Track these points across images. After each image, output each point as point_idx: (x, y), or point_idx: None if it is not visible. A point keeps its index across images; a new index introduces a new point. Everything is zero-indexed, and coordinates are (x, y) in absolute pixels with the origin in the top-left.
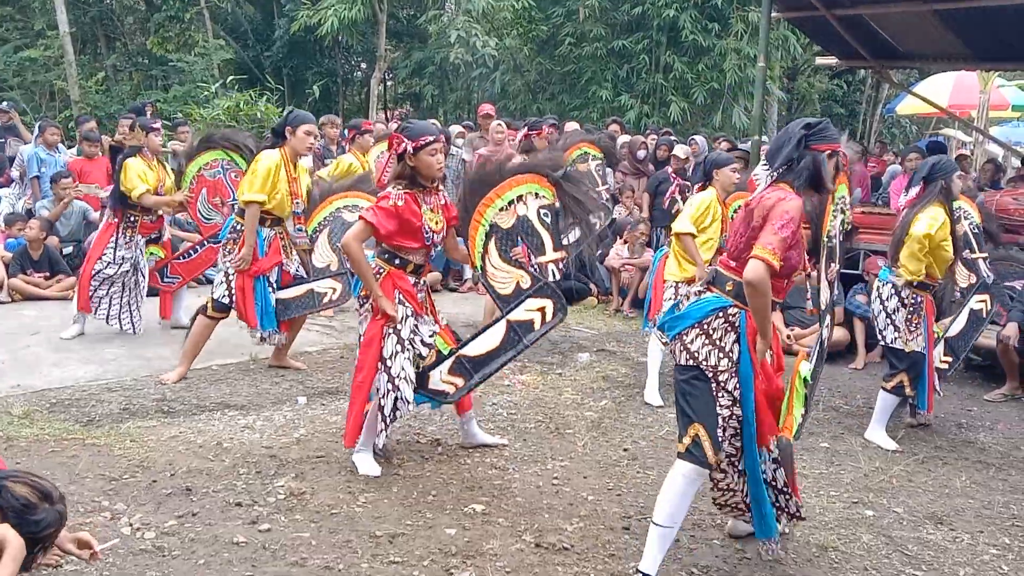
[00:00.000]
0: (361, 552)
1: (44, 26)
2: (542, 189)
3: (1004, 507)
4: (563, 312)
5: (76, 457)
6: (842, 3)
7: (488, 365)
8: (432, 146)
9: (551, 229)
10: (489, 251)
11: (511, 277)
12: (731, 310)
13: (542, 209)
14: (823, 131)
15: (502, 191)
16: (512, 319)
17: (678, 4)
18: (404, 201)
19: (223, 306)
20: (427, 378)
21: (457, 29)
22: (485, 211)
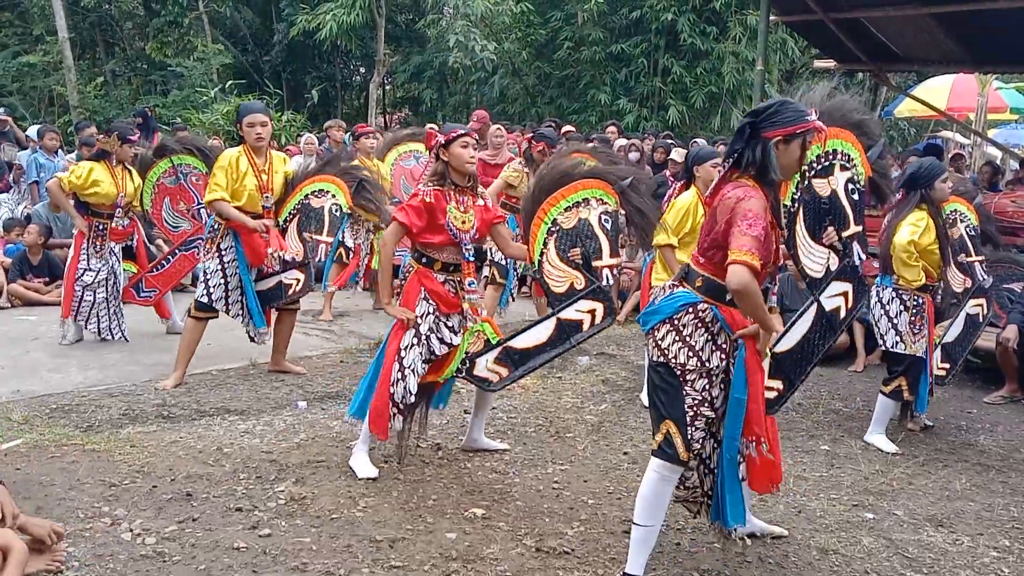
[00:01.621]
0: (362, 557)
1: (43, 31)
2: (607, 196)
3: (1004, 509)
4: (612, 316)
5: (76, 463)
6: (840, 7)
7: (534, 359)
8: (462, 139)
9: (610, 235)
10: (548, 249)
11: (566, 277)
12: (701, 306)
13: (604, 215)
14: (771, 116)
15: (568, 192)
16: (563, 317)
17: (676, 8)
18: (432, 197)
19: (204, 305)
20: (473, 364)
21: (456, 33)
22: (549, 210)
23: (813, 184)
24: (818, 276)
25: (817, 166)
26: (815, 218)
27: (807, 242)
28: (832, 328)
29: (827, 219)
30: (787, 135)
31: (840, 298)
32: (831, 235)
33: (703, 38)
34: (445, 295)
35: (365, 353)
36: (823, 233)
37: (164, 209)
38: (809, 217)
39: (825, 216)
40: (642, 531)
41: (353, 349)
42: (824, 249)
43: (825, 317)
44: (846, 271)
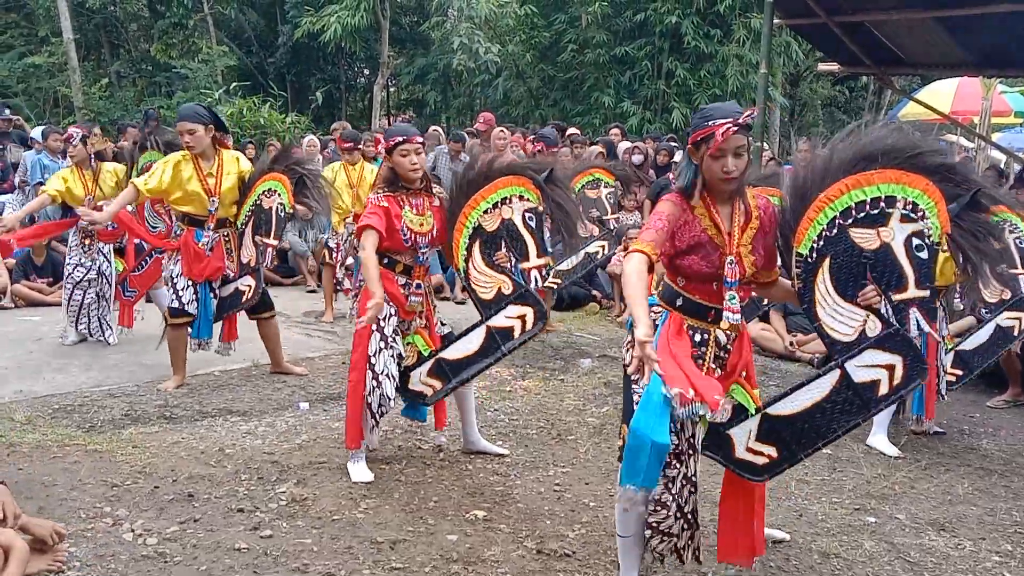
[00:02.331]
0: (363, 558)
1: (48, 33)
2: (527, 192)
3: (1007, 514)
4: (543, 320)
5: (78, 463)
6: (844, 10)
7: (466, 370)
8: (403, 146)
9: (536, 234)
10: (472, 254)
11: (493, 282)
12: (654, 308)
13: (527, 212)
14: (692, 122)
15: (487, 193)
16: (492, 325)
17: (680, 11)
18: (386, 202)
19: (177, 311)
20: (408, 378)
21: (460, 36)
22: (470, 213)
23: (851, 233)
24: (846, 339)
25: (859, 213)
26: (848, 273)
27: (832, 298)
28: (864, 406)
29: (867, 276)
30: (694, 142)
31: (881, 371)
32: (870, 295)
33: (707, 41)
34: (401, 299)
35: None
36: (859, 292)
37: (146, 208)
38: (839, 270)
39: (864, 272)
40: (622, 542)
41: None
42: (857, 310)
43: (853, 389)
44: (894, 341)
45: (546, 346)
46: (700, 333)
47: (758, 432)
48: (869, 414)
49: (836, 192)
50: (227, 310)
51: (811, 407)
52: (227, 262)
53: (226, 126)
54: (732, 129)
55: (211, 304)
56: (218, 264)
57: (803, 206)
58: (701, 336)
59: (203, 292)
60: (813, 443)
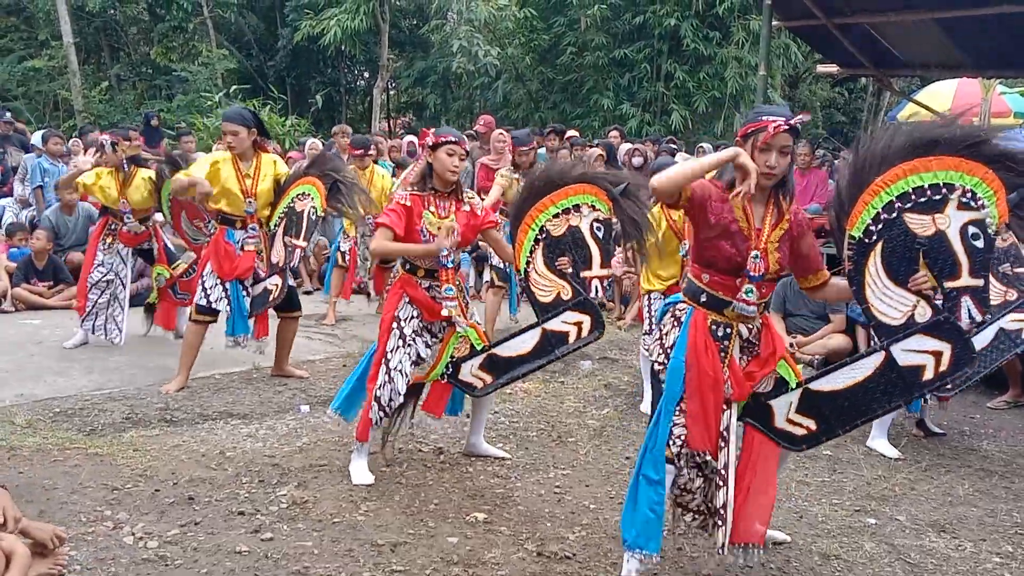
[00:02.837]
0: (363, 561)
1: (48, 36)
2: (599, 202)
3: (1007, 515)
4: (600, 329)
5: (79, 466)
6: (843, 12)
7: (517, 368)
8: (450, 145)
9: (602, 244)
10: (535, 257)
11: (553, 286)
12: (680, 306)
13: (596, 223)
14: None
15: (558, 198)
16: (548, 328)
17: (679, 13)
18: (410, 201)
19: (204, 308)
20: (458, 368)
21: (459, 39)
22: (538, 216)
23: (906, 219)
24: (893, 323)
25: (917, 198)
26: (902, 258)
27: (882, 281)
28: (907, 389)
29: (919, 262)
30: (743, 135)
31: (928, 356)
32: (921, 280)
33: (706, 43)
34: (427, 302)
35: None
36: (910, 277)
37: (183, 222)
38: (892, 255)
39: (917, 258)
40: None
41: (355, 353)
42: (908, 295)
43: (897, 372)
44: (944, 328)
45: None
46: (723, 327)
47: (799, 405)
48: (912, 397)
49: (893, 177)
50: (256, 309)
51: (853, 386)
52: (257, 262)
53: (268, 131)
54: (783, 126)
55: (244, 301)
56: (248, 264)
57: (858, 190)
58: (724, 331)
59: (234, 290)
60: (852, 420)
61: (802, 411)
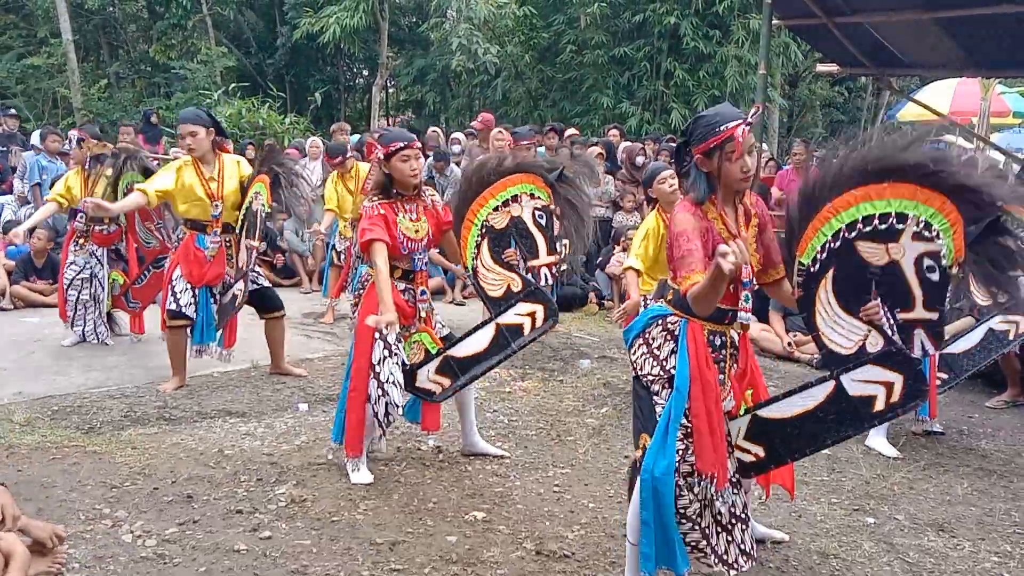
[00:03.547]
0: (362, 560)
1: (47, 34)
2: (538, 190)
3: (1006, 514)
4: (554, 317)
5: (77, 464)
6: (843, 11)
7: (475, 367)
8: (403, 152)
9: (546, 232)
10: (481, 252)
11: (502, 279)
12: (671, 319)
13: (537, 211)
14: (692, 133)
15: (497, 190)
16: (502, 322)
17: (679, 11)
18: (383, 209)
19: (175, 313)
20: (414, 376)
21: (459, 37)
22: (479, 211)
23: (859, 247)
24: (844, 352)
25: (866, 227)
26: (854, 286)
27: (833, 310)
28: (859, 420)
29: (871, 291)
30: (703, 151)
31: (879, 387)
32: (872, 310)
33: (706, 42)
34: (403, 305)
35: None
36: (861, 306)
37: (136, 224)
38: (843, 283)
39: (869, 287)
40: (634, 550)
41: None
42: (859, 324)
43: (847, 402)
44: (896, 359)
45: (545, 347)
46: (719, 337)
47: (747, 431)
48: (863, 428)
49: (844, 204)
50: (225, 316)
51: (802, 414)
52: (227, 268)
53: (225, 131)
54: (747, 128)
55: (212, 309)
56: (219, 270)
57: (809, 214)
58: (720, 340)
59: (203, 296)
60: (802, 448)
61: (750, 437)
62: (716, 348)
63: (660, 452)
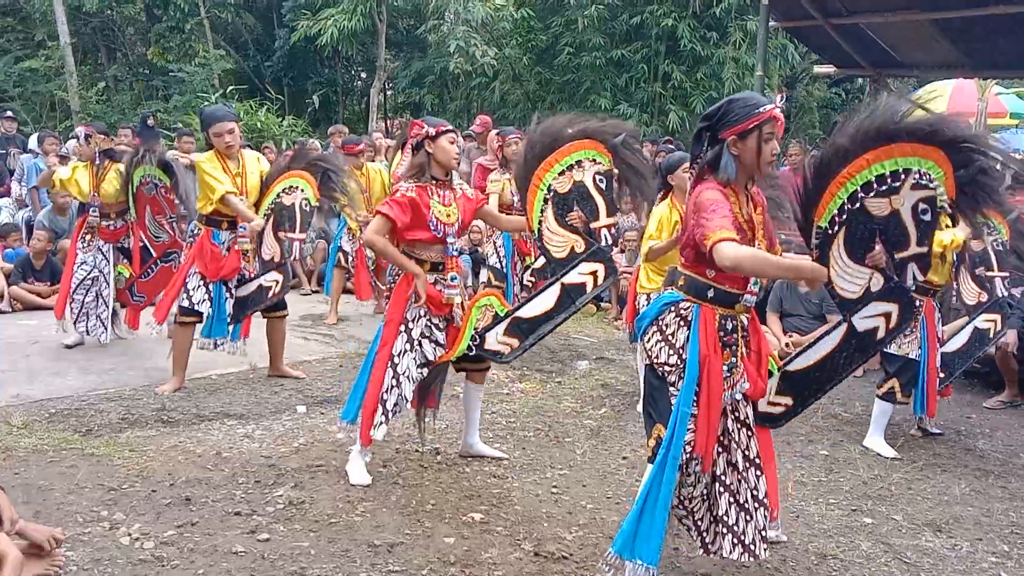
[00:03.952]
0: (360, 561)
1: (45, 37)
2: (599, 155)
3: (1003, 514)
4: (614, 274)
5: (75, 467)
6: (839, 12)
7: (542, 327)
8: (450, 134)
9: (606, 195)
10: (546, 215)
11: (566, 241)
12: (683, 304)
13: (598, 175)
14: (724, 116)
15: (561, 156)
16: (566, 282)
17: (676, 13)
18: (415, 192)
19: (187, 310)
20: (484, 339)
21: (456, 39)
22: (544, 175)
23: (867, 205)
24: (852, 296)
25: (879, 186)
26: (860, 239)
27: (843, 261)
28: (863, 350)
29: (876, 240)
30: (740, 132)
31: (879, 319)
32: (877, 256)
33: (703, 44)
34: (436, 296)
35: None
36: (868, 254)
37: (147, 217)
38: (852, 238)
39: (874, 237)
40: None
41: (352, 353)
42: (865, 270)
43: (855, 337)
44: (893, 292)
45: (543, 348)
46: (731, 320)
47: (777, 388)
48: (868, 356)
49: (857, 168)
50: (251, 307)
51: (822, 359)
52: (243, 262)
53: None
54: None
55: (226, 304)
56: (234, 264)
57: (825, 183)
58: (732, 323)
59: (217, 291)
60: (822, 386)
61: (781, 392)
62: (728, 332)
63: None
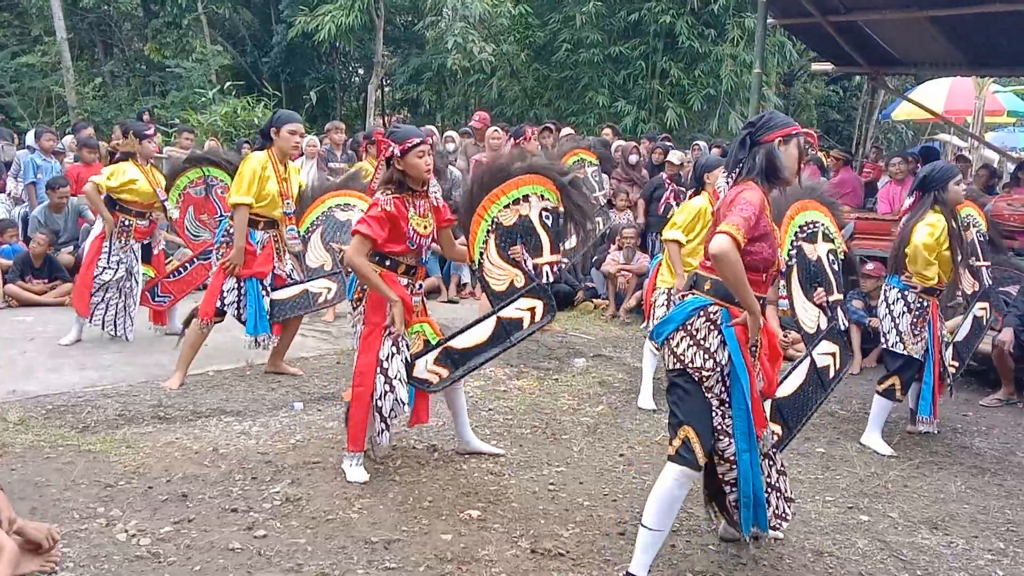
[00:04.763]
0: (357, 558)
1: (41, 32)
2: (547, 192)
3: (999, 512)
4: (552, 314)
5: (71, 463)
6: (837, 10)
7: (474, 359)
8: (419, 148)
9: (551, 232)
10: (488, 247)
11: (506, 275)
12: (712, 308)
13: (544, 211)
14: (767, 123)
15: (508, 188)
16: (503, 316)
17: (675, 10)
18: (392, 205)
19: (217, 310)
20: (412, 366)
21: (454, 35)
22: (490, 207)
23: (803, 247)
24: (811, 332)
25: (804, 232)
26: (807, 278)
27: (801, 297)
28: (823, 385)
29: (816, 281)
30: (785, 135)
31: (830, 357)
32: (820, 296)
33: (701, 41)
34: (408, 300)
35: None
36: (814, 293)
37: (187, 218)
38: (802, 276)
39: (815, 278)
40: (651, 535)
41: (350, 350)
42: (815, 308)
43: (816, 372)
44: (834, 333)
45: (541, 345)
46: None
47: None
48: (827, 393)
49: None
50: (295, 310)
51: (796, 390)
52: (276, 262)
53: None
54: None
55: (263, 301)
56: (269, 263)
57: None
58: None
59: (252, 288)
60: (801, 417)
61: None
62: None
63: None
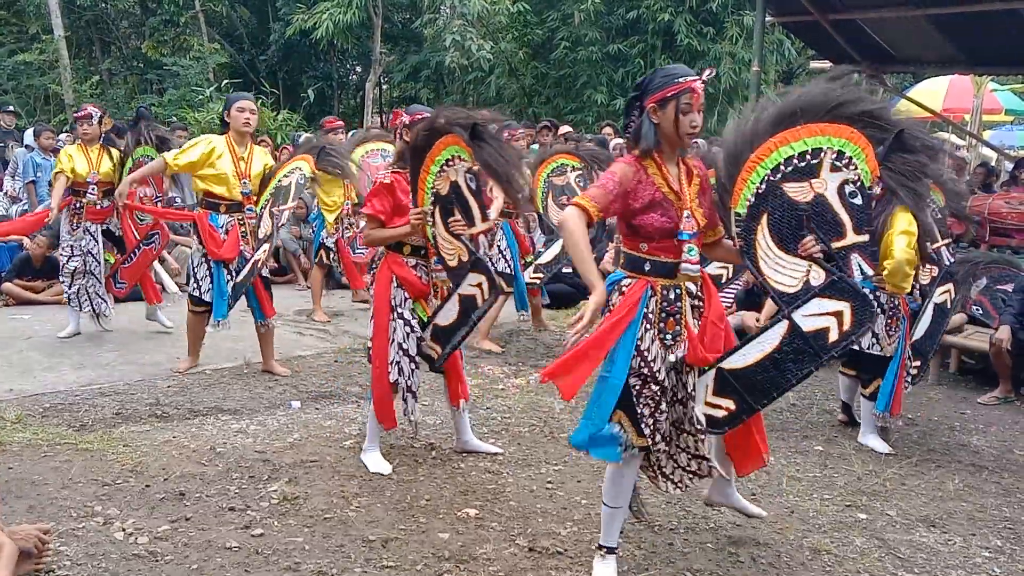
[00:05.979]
0: (354, 557)
1: (39, 30)
2: (462, 151)
3: (997, 510)
4: (496, 291)
5: (69, 462)
6: (836, 8)
7: (453, 337)
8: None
9: (476, 196)
10: (436, 221)
11: (455, 249)
12: (624, 281)
13: (467, 173)
14: (648, 84)
15: (434, 154)
16: (462, 293)
17: (673, 8)
18: (390, 179)
19: (197, 300)
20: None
21: (452, 33)
22: (426, 177)
23: (784, 189)
24: (791, 290)
25: (787, 168)
26: (788, 226)
27: (773, 252)
28: (814, 353)
29: (804, 228)
30: (659, 100)
31: (830, 318)
32: (809, 246)
33: (700, 39)
34: (415, 281)
35: (359, 352)
36: (798, 244)
37: (135, 199)
38: (778, 225)
39: (802, 224)
40: (609, 510)
41: (347, 349)
42: (800, 261)
43: (803, 338)
44: (839, 288)
45: (539, 344)
46: (672, 290)
47: (715, 387)
48: (821, 361)
49: (765, 151)
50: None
51: (762, 359)
52: (242, 245)
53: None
54: (702, 84)
55: (226, 286)
56: (235, 248)
57: (736, 169)
58: (674, 292)
59: (219, 274)
60: (768, 393)
61: (718, 392)
62: (671, 301)
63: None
